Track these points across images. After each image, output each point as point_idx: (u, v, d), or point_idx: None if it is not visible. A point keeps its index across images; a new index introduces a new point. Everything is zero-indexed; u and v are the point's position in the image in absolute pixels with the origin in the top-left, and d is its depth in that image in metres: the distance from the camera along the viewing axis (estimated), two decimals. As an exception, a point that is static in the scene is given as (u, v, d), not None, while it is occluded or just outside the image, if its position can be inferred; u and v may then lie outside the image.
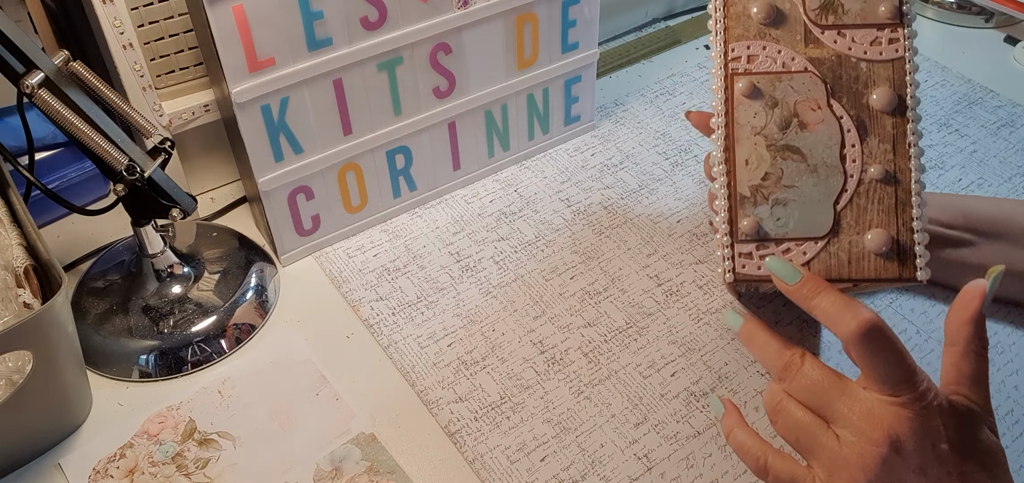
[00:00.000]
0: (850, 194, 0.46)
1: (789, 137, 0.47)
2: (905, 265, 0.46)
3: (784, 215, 0.47)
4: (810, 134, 0.47)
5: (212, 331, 0.65)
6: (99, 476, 0.57)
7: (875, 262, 0.46)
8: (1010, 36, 1.01)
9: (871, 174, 0.46)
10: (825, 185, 0.46)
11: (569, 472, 0.57)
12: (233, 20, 0.60)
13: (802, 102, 0.47)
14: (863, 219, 0.46)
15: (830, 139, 0.47)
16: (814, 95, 0.47)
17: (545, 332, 0.66)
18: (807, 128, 0.47)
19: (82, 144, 0.57)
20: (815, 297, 0.43)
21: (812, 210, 0.46)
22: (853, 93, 0.47)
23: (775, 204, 0.47)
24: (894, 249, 0.46)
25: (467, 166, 0.79)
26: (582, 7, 0.77)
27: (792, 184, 0.47)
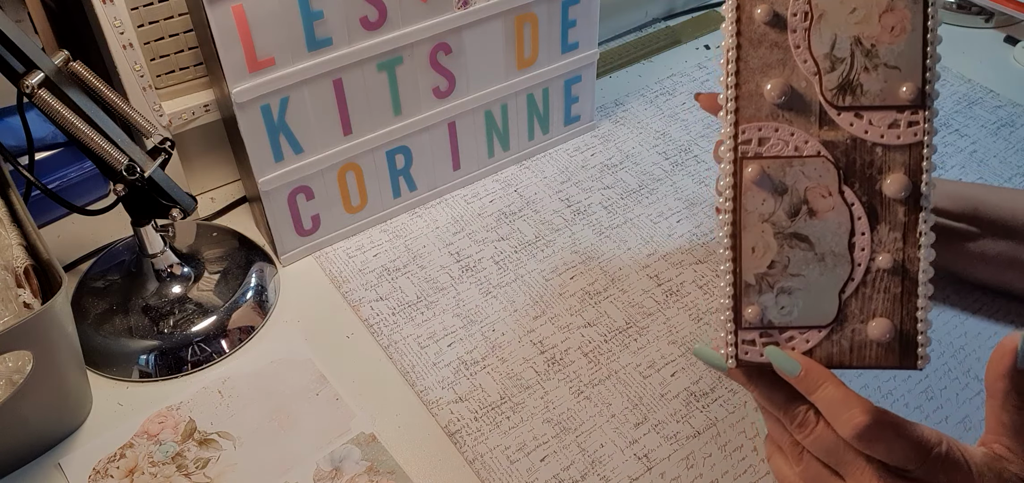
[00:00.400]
0: (856, 283, 0.46)
1: (798, 225, 0.46)
2: (907, 355, 0.45)
3: (788, 304, 0.46)
4: (819, 222, 0.46)
5: (212, 331, 0.65)
6: (99, 476, 0.57)
7: (877, 351, 0.45)
8: (1010, 36, 1.01)
9: (879, 263, 0.45)
10: (832, 274, 0.46)
11: (569, 472, 0.57)
12: (233, 20, 0.60)
13: (813, 189, 0.45)
14: (868, 308, 0.45)
15: (840, 227, 0.45)
16: (826, 181, 0.45)
17: (545, 332, 0.66)
18: (817, 216, 0.46)
19: (82, 144, 0.57)
20: (816, 390, 0.44)
21: (817, 299, 0.46)
22: (866, 179, 0.45)
23: (780, 293, 0.46)
24: (896, 338, 0.45)
25: (467, 166, 0.79)
26: (582, 7, 0.77)
27: (798, 273, 0.46)
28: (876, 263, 0.45)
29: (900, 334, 0.45)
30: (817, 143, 0.45)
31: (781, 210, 0.46)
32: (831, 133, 0.45)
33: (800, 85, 0.45)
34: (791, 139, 0.45)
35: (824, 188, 0.45)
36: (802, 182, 0.45)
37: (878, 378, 0.62)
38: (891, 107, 0.45)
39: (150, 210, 0.63)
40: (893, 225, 0.45)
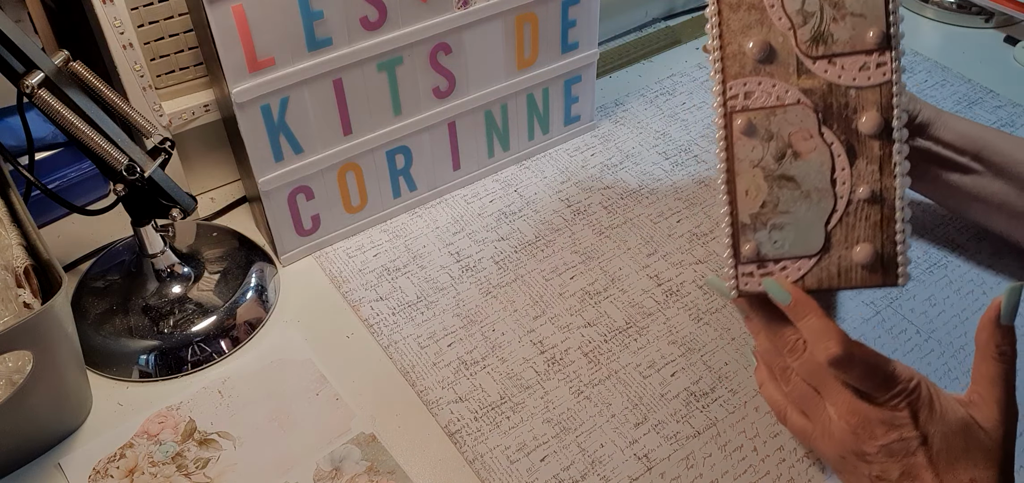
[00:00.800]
0: (840, 214, 0.50)
1: (784, 167, 0.50)
2: (888, 274, 0.50)
3: (780, 238, 0.50)
4: (803, 162, 0.50)
5: (212, 331, 0.65)
6: (99, 476, 0.57)
7: (861, 273, 0.50)
8: (1010, 36, 1.01)
9: (859, 194, 0.49)
10: (817, 208, 0.50)
11: (569, 472, 0.57)
12: (233, 20, 0.60)
13: (796, 133, 0.50)
14: (851, 236, 0.50)
15: (822, 166, 0.50)
16: (806, 125, 0.50)
17: (545, 332, 0.66)
18: (800, 157, 0.50)
19: (82, 144, 0.57)
20: (802, 319, 0.49)
21: (805, 232, 0.50)
22: (843, 120, 0.49)
23: (772, 229, 0.50)
24: (879, 260, 0.50)
25: (467, 166, 0.79)
26: (582, 7, 0.77)
27: (787, 210, 0.50)
28: (857, 194, 0.49)
29: (881, 256, 0.49)
30: (797, 92, 0.50)
31: (769, 155, 0.50)
32: (809, 81, 0.49)
33: (777, 41, 0.50)
34: (773, 90, 0.50)
35: (806, 131, 0.50)
36: (786, 128, 0.50)
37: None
38: (860, 52, 0.49)
39: (150, 210, 0.63)
40: (870, 159, 0.49)
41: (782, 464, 0.57)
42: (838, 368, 0.47)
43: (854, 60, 0.49)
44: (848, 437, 0.48)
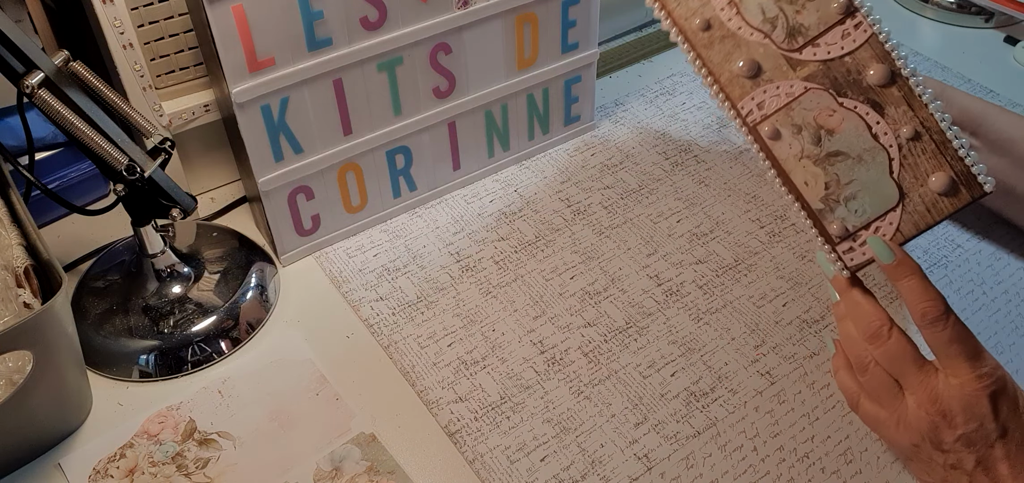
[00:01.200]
0: (898, 160, 0.51)
1: (826, 146, 0.52)
2: (972, 187, 0.50)
3: (858, 205, 0.51)
4: (840, 135, 0.51)
5: (212, 331, 0.65)
6: (99, 476, 0.57)
7: (947, 201, 0.50)
8: (1010, 36, 1.01)
9: (904, 135, 0.50)
10: (876, 165, 0.51)
11: (569, 472, 0.57)
12: (233, 20, 0.60)
13: (819, 114, 0.51)
14: (920, 173, 0.50)
15: (858, 130, 0.51)
16: (825, 104, 0.51)
17: (545, 332, 0.66)
18: (835, 132, 0.51)
19: (82, 144, 0.57)
20: (901, 279, 0.50)
21: (877, 189, 0.51)
22: (853, 83, 0.51)
23: (847, 201, 0.51)
24: (956, 182, 0.50)
25: (467, 166, 0.79)
26: (582, 7, 0.77)
27: (850, 179, 0.51)
28: (902, 137, 0.50)
29: (956, 176, 0.50)
30: (800, 83, 0.51)
31: (807, 143, 0.52)
32: (805, 69, 0.51)
33: (759, 53, 0.52)
34: (779, 90, 0.52)
35: (828, 109, 0.51)
36: (808, 115, 0.52)
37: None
38: (834, 26, 0.51)
39: (150, 210, 0.63)
40: (895, 103, 0.50)
41: (782, 464, 0.57)
42: (934, 327, 0.48)
43: (833, 34, 0.51)
44: (926, 425, 0.49)
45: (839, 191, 0.51)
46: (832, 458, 0.57)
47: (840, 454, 0.58)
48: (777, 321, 0.66)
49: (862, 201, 0.51)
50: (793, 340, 0.65)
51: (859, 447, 0.58)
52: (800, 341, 0.65)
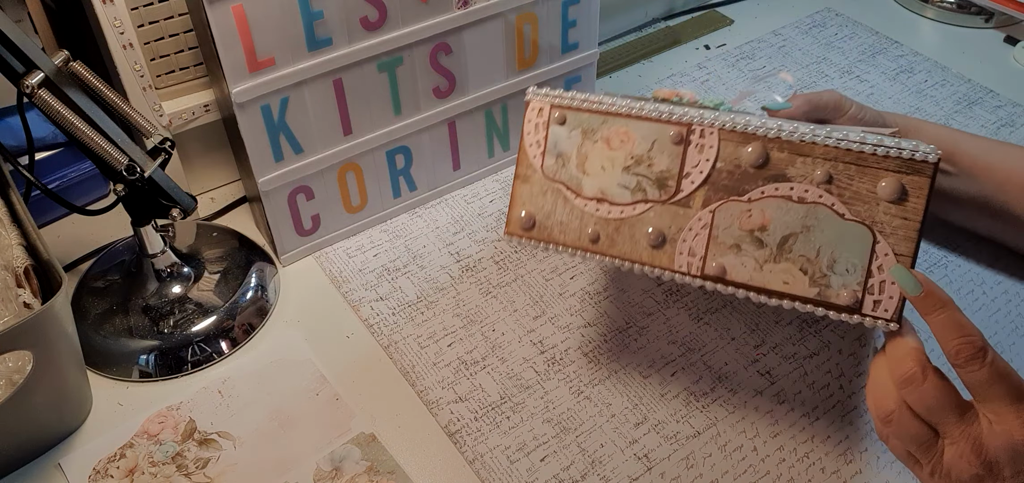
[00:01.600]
0: (838, 202, 0.49)
1: (770, 242, 0.50)
2: (919, 169, 0.48)
3: (846, 264, 0.49)
4: (772, 223, 0.50)
5: (212, 331, 0.65)
6: (99, 476, 0.57)
7: (911, 199, 0.48)
8: (1010, 36, 1.01)
9: (820, 178, 0.49)
10: (825, 222, 0.49)
11: (569, 472, 0.57)
12: (233, 20, 0.60)
13: (741, 221, 0.51)
14: (866, 196, 0.49)
15: (782, 208, 0.50)
16: (738, 211, 0.51)
17: (545, 332, 0.66)
18: (766, 225, 0.50)
19: (82, 144, 0.57)
20: (931, 313, 0.46)
21: (847, 239, 0.49)
22: (743, 177, 0.51)
23: (833, 268, 0.49)
24: (899, 178, 0.48)
25: (467, 166, 0.79)
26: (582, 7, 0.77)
27: (817, 249, 0.49)
28: (819, 181, 0.49)
29: (897, 171, 0.48)
30: (703, 212, 0.52)
31: (754, 251, 0.51)
32: (697, 199, 0.52)
33: (653, 219, 0.52)
34: (692, 232, 0.52)
35: (743, 214, 0.51)
36: (733, 229, 0.51)
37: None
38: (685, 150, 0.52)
39: (150, 210, 0.63)
40: (788, 162, 0.50)
41: (782, 464, 0.57)
42: (970, 366, 0.44)
43: (690, 158, 0.52)
44: (967, 477, 0.45)
45: (818, 266, 0.49)
46: (832, 458, 0.57)
47: (840, 454, 0.58)
48: (777, 321, 0.66)
49: (845, 258, 0.49)
50: (793, 340, 0.65)
51: (859, 447, 0.58)
52: (800, 341, 0.65)
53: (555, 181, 0.55)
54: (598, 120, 0.54)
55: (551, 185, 0.55)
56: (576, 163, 0.54)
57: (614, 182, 0.53)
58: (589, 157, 0.54)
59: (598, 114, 0.54)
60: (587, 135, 0.54)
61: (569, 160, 0.54)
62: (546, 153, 0.55)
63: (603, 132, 0.54)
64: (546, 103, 0.56)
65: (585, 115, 0.54)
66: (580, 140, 0.54)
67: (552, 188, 0.55)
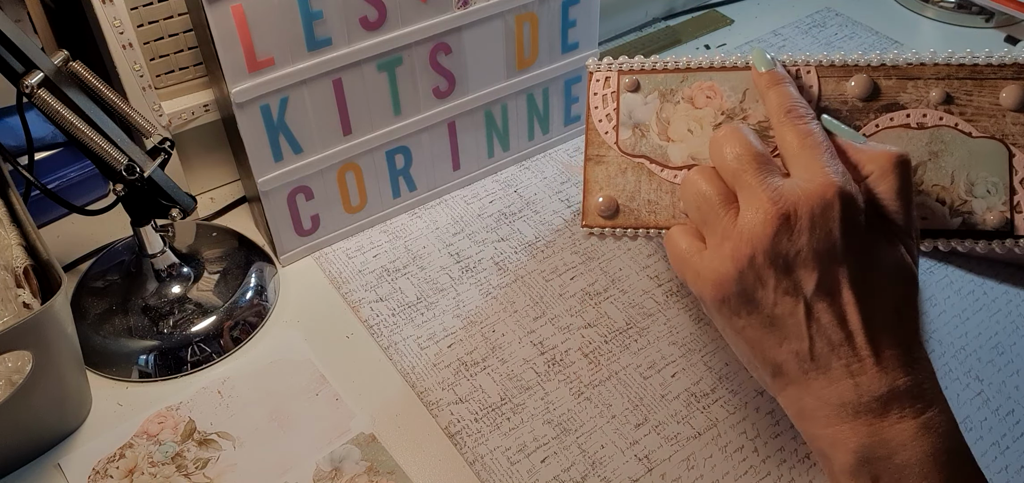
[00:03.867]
0: (960, 120, 0.46)
1: None
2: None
3: (985, 185, 0.46)
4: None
5: (212, 331, 0.65)
6: (99, 476, 0.57)
7: None
8: (1010, 36, 1.01)
9: (935, 99, 0.46)
10: (952, 144, 0.46)
11: (570, 473, 0.57)
12: (232, 20, 0.60)
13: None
14: (989, 110, 0.46)
15: (901, 136, 0.47)
16: None
17: (545, 333, 0.66)
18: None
19: (82, 144, 0.57)
20: (771, 87, 0.45)
21: (980, 158, 0.46)
22: (851, 112, 0.47)
23: (972, 191, 0.46)
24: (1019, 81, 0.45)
25: (467, 166, 0.79)
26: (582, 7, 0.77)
27: (950, 174, 0.46)
28: (934, 103, 0.46)
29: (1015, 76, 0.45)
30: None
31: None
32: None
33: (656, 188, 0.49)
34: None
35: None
36: None
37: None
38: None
39: (150, 210, 0.63)
40: (899, 89, 0.46)
41: (783, 465, 0.57)
42: (796, 121, 0.43)
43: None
44: (760, 232, 0.41)
45: (955, 193, 0.46)
46: (832, 459, 0.57)
47: (840, 455, 0.57)
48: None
49: (983, 179, 0.45)
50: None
51: (860, 448, 0.58)
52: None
53: (635, 156, 0.49)
54: (676, 79, 0.49)
55: (631, 162, 0.49)
56: (657, 131, 0.49)
57: (705, 144, 0.48)
58: (672, 121, 0.48)
59: (675, 73, 0.48)
60: (666, 98, 0.49)
61: (649, 129, 0.49)
62: (620, 126, 0.49)
63: (684, 91, 0.48)
64: (612, 71, 0.50)
65: (660, 76, 0.49)
66: (659, 105, 0.49)
67: (632, 165, 0.49)
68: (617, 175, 0.49)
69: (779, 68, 0.46)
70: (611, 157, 0.50)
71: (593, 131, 0.50)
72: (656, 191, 0.49)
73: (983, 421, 0.59)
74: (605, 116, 0.50)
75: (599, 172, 0.50)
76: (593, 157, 0.50)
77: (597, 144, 0.50)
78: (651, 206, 0.49)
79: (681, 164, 0.48)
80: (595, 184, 0.50)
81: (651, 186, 0.49)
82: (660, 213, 0.49)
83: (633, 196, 0.49)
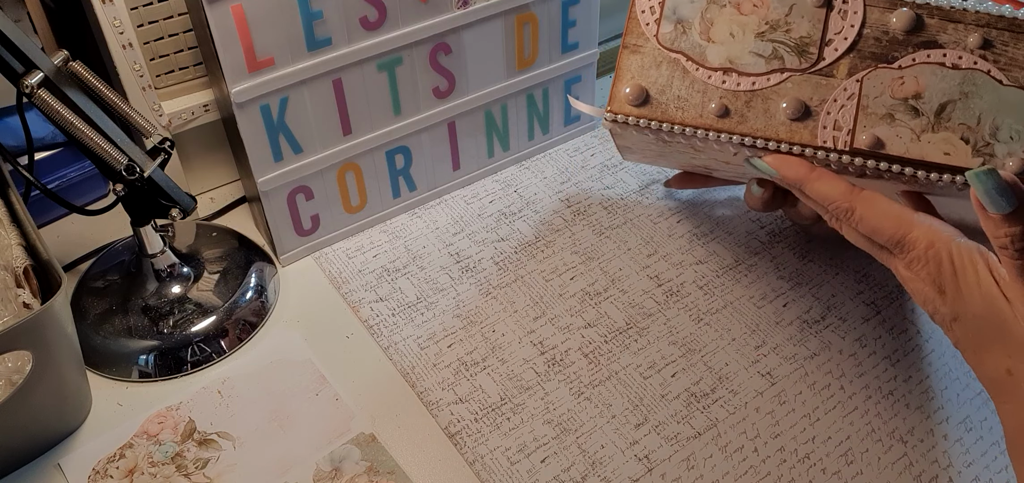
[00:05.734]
0: (994, 68, 0.47)
1: (926, 110, 0.48)
2: None
3: (1010, 131, 0.47)
4: (927, 90, 0.48)
5: (212, 331, 0.65)
6: (99, 476, 0.57)
7: None
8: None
9: (973, 44, 0.47)
10: (984, 87, 0.47)
11: (570, 473, 0.57)
12: (232, 20, 0.60)
13: (893, 89, 0.48)
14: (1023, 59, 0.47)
15: (937, 74, 0.48)
16: (888, 79, 0.49)
17: (545, 333, 0.66)
18: (921, 92, 0.48)
19: (82, 144, 0.57)
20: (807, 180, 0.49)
21: (1009, 106, 0.47)
22: (892, 43, 0.48)
23: (995, 135, 0.47)
24: None
25: (467, 166, 0.79)
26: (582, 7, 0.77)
27: (977, 116, 0.47)
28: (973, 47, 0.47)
29: None
30: (850, 81, 0.48)
31: (910, 121, 0.48)
32: (842, 68, 0.48)
33: (792, 90, 0.48)
34: (838, 103, 0.48)
35: (895, 80, 0.48)
36: (884, 98, 0.48)
37: (879, 378, 0.62)
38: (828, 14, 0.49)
39: (150, 210, 0.63)
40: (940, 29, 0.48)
41: (783, 465, 0.57)
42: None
43: (833, 23, 0.49)
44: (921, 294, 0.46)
45: (980, 134, 0.47)
46: (833, 459, 0.57)
47: (841, 455, 0.57)
48: (778, 321, 0.66)
49: (1008, 125, 0.46)
50: (794, 340, 0.65)
51: (860, 448, 0.58)
52: (801, 341, 0.65)
53: (673, 51, 0.49)
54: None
55: (667, 55, 0.49)
56: (699, 30, 0.49)
57: (745, 50, 0.48)
58: (715, 23, 0.49)
59: None
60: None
61: (691, 27, 0.49)
62: (663, 20, 0.50)
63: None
64: None
65: None
66: (705, 5, 0.49)
67: (668, 59, 0.49)
68: (651, 67, 0.50)
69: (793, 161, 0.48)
70: (648, 48, 0.50)
71: (634, 20, 0.50)
72: (688, 88, 0.49)
73: (983, 421, 0.59)
74: (649, 7, 0.50)
75: (634, 61, 0.50)
76: (630, 46, 0.50)
77: (636, 33, 0.50)
78: (680, 102, 0.49)
79: (718, 65, 0.49)
80: (627, 72, 0.50)
81: (684, 83, 0.49)
82: (688, 111, 0.49)
83: (664, 90, 0.50)
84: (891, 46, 0.48)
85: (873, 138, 0.47)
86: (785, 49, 0.49)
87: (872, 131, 0.47)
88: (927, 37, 0.47)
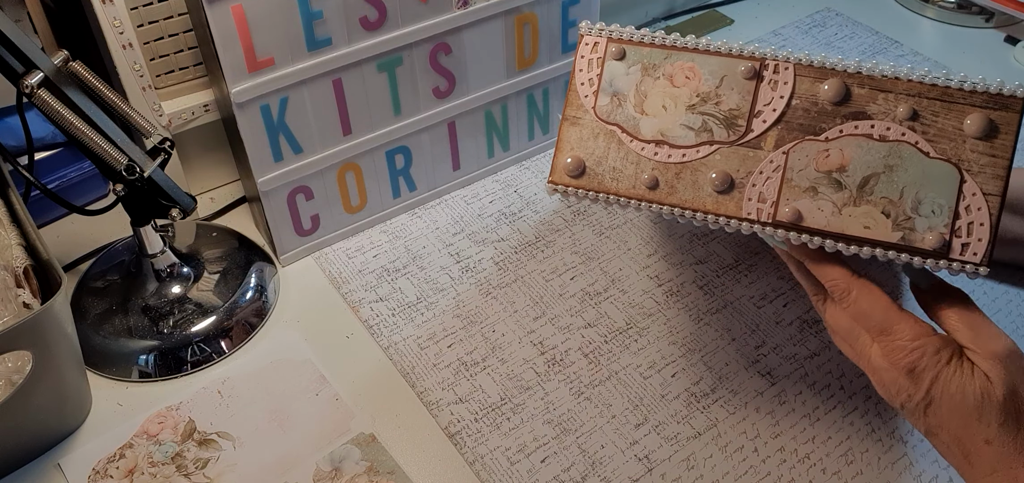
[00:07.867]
0: (922, 140, 0.47)
1: (850, 183, 0.48)
2: (1008, 104, 0.47)
3: (931, 204, 0.48)
4: (852, 163, 0.48)
5: (212, 331, 0.65)
6: (99, 476, 0.57)
7: (1000, 135, 0.47)
8: (1010, 36, 1.01)
9: (903, 115, 0.47)
10: (909, 160, 0.47)
11: (570, 473, 0.57)
12: (232, 20, 0.60)
13: (817, 162, 0.49)
14: (952, 133, 0.47)
15: (862, 146, 0.48)
16: (814, 151, 0.49)
17: (545, 333, 0.66)
18: (845, 165, 0.48)
19: (82, 144, 0.57)
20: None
21: (932, 178, 0.47)
22: (820, 115, 0.49)
23: (917, 209, 0.48)
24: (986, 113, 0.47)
25: (467, 166, 0.79)
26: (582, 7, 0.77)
27: (900, 189, 0.48)
28: (901, 119, 0.48)
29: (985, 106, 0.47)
30: (776, 154, 0.49)
31: (832, 194, 0.49)
32: (768, 140, 0.49)
33: (720, 162, 0.49)
34: (763, 175, 0.49)
35: (820, 153, 0.48)
36: (808, 171, 0.49)
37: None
38: (757, 86, 0.49)
39: (150, 210, 0.63)
40: (870, 99, 0.48)
41: (783, 464, 0.57)
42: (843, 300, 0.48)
43: (762, 96, 0.49)
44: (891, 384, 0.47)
45: (902, 208, 0.47)
46: (833, 459, 0.57)
47: (841, 454, 0.58)
48: (777, 321, 0.66)
49: (931, 199, 0.46)
50: (793, 340, 0.65)
51: (860, 448, 0.58)
52: (800, 341, 0.65)
53: (609, 123, 0.50)
54: (661, 55, 0.50)
55: (604, 127, 0.50)
56: (634, 103, 0.50)
57: (676, 122, 0.49)
58: (649, 95, 0.50)
59: (661, 49, 0.50)
60: (648, 72, 0.50)
61: (626, 99, 0.50)
62: (600, 92, 0.51)
63: (666, 68, 0.50)
64: (602, 37, 0.51)
65: (646, 50, 0.50)
66: (639, 77, 0.50)
67: (605, 131, 0.50)
68: (589, 138, 0.51)
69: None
70: (586, 120, 0.51)
71: (574, 92, 0.52)
72: (623, 160, 0.50)
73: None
74: (587, 80, 0.52)
75: (573, 133, 0.51)
76: (569, 117, 0.51)
77: (576, 106, 0.52)
78: (615, 173, 0.50)
79: (650, 138, 0.50)
80: (567, 143, 0.52)
81: (619, 154, 0.50)
82: (622, 182, 0.50)
83: (600, 161, 0.51)
84: (819, 117, 0.48)
85: (794, 211, 0.48)
86: (714, 121, 0.49)
87: (794, 204, 0.48)
88: (856, 108, 0.48)
